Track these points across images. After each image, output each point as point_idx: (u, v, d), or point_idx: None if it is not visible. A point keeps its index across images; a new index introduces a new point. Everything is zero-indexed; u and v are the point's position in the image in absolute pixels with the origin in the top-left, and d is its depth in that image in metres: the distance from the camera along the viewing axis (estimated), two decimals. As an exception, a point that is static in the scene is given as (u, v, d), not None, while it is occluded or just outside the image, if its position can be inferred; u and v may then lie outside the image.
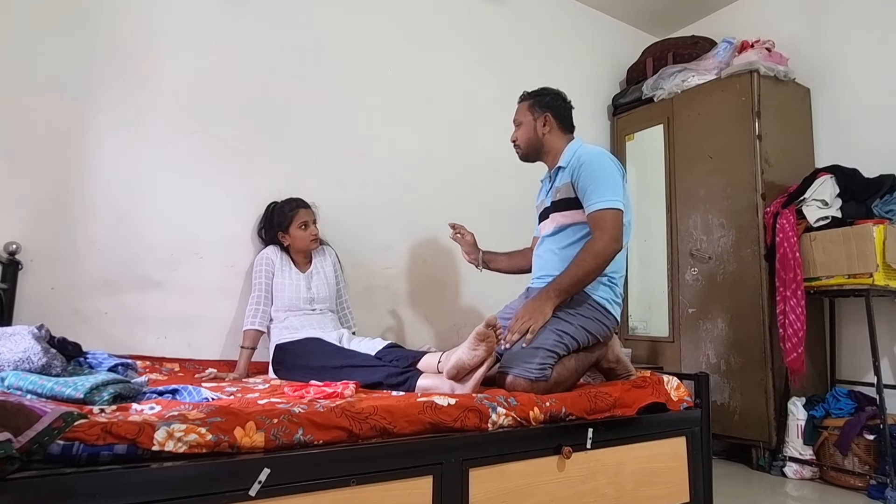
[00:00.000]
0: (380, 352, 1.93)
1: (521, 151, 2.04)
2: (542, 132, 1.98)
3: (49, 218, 2.04)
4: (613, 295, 1.86)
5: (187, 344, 2.24)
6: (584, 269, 1.72)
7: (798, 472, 2.57)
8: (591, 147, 1.92)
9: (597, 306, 1.80)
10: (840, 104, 3.04)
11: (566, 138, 2.00)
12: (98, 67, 2.15)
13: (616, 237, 1.73)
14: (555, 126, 1.98)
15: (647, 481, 1.68)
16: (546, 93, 2.03)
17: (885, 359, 2.70)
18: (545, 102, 1.99)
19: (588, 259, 1.72)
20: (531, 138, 2.00)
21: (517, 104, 2.06)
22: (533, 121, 1.99)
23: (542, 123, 1.98)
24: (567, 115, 2.02)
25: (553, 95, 2.02)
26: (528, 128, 2.00)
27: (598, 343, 1.81)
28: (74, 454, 0.93)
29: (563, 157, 1.94)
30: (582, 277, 1.73)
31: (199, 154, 2.32)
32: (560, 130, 1.99)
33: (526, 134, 2.00)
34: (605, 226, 1.73)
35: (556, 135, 1.99)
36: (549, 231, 1.94)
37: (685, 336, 3.07)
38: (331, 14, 2.70)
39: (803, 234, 2.64)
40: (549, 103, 1.99)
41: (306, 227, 2.24)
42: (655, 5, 3.67)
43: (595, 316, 1.78)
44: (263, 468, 1.05)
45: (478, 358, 1.55)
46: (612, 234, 1.73)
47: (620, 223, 1.76)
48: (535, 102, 2.01)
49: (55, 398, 1.21)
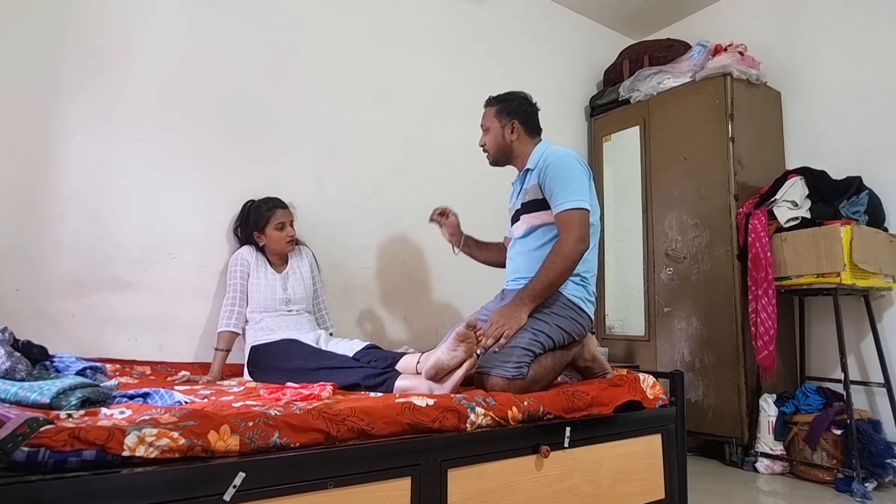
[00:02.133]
0: (358, 353, 1.92)
1: (491, 157, 2.06)
2: (510, 138, 1.99)
3: (14, 216, 1.97)
4: (586, 293, 1.88)
5: (159, 346, 2.19)
6: (554, 271, 1.75)
7: (769, 467, 2.62)
8: (557, 148, 1.93)
9: (570, 304, 1.82)
10: (810, 107, 3.12)
11: (534, 141, 2.01)
12: (67, 62, 2.09)
13: (582, 237, 1.76)
14: (522, 132, 2.00)
15: (623, 479, 1.69)
16: (512, 98, 2.02)
17: (851, 356, 2.77)
18: (511, 109, 2.00)
19: (557, 261, 1.75)
20: (500, 144, 2.01)
21: (484, 108, 2.06)
22: (500, 128, 2.00)
23: (510, 130, 1.99)
24: (533, 118, 2.03)
25: (519, 100, 2.02)
26: (496, 134, 2.01)
27: (573, 341, 1.83)
28: (40, 461, 0.90)
29: (530, 159, 1.96)
30: (553, 280, 1.75)
31: (173, 152, 2.27)
32: (527, 135, 2.01)
33: (494, 141, 2.02)
34: (572, 226, 1.76)
35: (523, 140, 2.00)
36: (521, 233, 1.97)
37: (661, 335, 3.11)
38: (308, 11, 2.67)
39: (774, 234, 2.70)
40: (516, 109, 2.00)
41: (283, 227, 2.21)
42: (632, 8, 3.72)
43: (569, 314, 1.80)
44: (238, 472, 1.03)
45: (457, 359, 1.56)
46: (578, 234, 1.75)
47: (586, 223, 1.78)
48: (501, 109, 2.01)
49: (20, 403, 1.17)
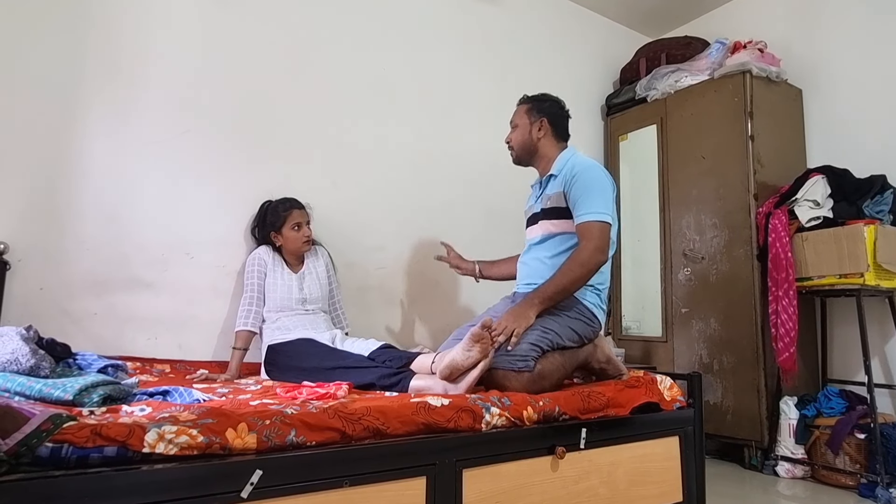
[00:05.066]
0: (373, 352, 1.92)
1: (515, 154, 2.06)
2: (537, 136, 1.99)
3: (37, 218, 2.01)
4: (599, 301, 1.88)
5: (178, 345, 2.22)
6: (569, 277, 1.74)
7: (790, 471, 2.58)
8: (584, 158, 1.93)
9: (584, 310, 1.82)
10: (831, 105, 3.06)
11: (560, 146, 2.01)
12: (88, 66, 2.13)
13: (602, 248, 1.76)
14: (549, 132, 2.00)
15: (640, 481, 1.68)
16: (545, 98, 2.04)
17: (875, 358, 2.71)
18: (543, 108, 2.01)
19: (573, 268, 1.74)
20: (525, 141, 2.01)
21: (516, 106, 2.08)
22: (529, 124, 2.00)
23: (538, 128, 1.99)
24: (563, 122, 2.03)
25: (552, 102, 2.03)
26: (524, 131, 2.01)
27: (583, 343, 1.81)
28: (63, 456, 0.92)
29: (555, 165, 1.95)
30: (566, 286, 1.75)
31: (191, 153, 2.30)
32: (554, 137, 2.01)
33: (520, 137, 2.02)
34: (592, 236, 1.76)
35: (549, 141, 2.00)
36: (537, 238, 1.96)
37: (678, 336, 3.08)
38: (323, 13, 2.69)
39: (795, 234, 2.65)
40: (547, 109, 2.01)
41: (299, 228, 2.23)
42: (648, 6, 3.68)
43: (581, 317, 1.80)
44: (255, 470, 1.04)
45: (472, 359, 1.55)
46: (598, 244, 1.75)
47: (608, 235, 1.78)
48: (533, 107, 2.02)
49: (44, 400, 1.20)
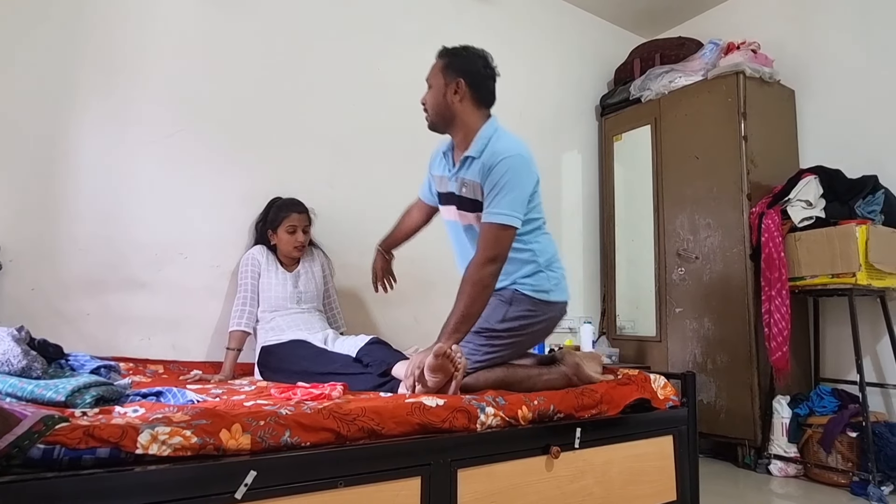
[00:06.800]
0: (361, 350, 1.89)
1: (429, 119, 1.78)
2: (452, 100, 1.70)
3: (30, 217, 2.00)
4: (544, 279, 1.77)
5: (172, 345, 2.21)
6: (466, 301, 1.58)
7: (783, 469, 2.60)
8: (505, 143, 1.68)
9: (520, 305, 1.74)
10: (824, 105, 3.08)
11: (481, 114, 1.73)
12: (82, 65, 2.12)
13: (495, 257, 1.61)
14: (468, 96, 1.70)
15: (634, 480, 1.68)
16: (464, 53, 1.73)
17: (867, 357, 2.74)
18: (459, 65, 1.70)
19: (466, 289, 1.60)
20: (439, 105, 1.72)
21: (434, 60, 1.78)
22: (444, 85, 1.70)
23: (454, 91, 1.69)
24: (486, 84, 1.73)
25: (472, 57, 1.72)
26: (438, 93, 1.72)
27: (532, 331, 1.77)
28: (56, 458, 0.91)
29: (474, 144, 1.70)
30: (466, 311, 1.58)
31: (186, 153, 2.29)
32: (474, 103, 1.72)
33: (434, 99, 1.73)
34: (487, 245, 1.62)
35: (468, 107, 1.71)
36: (464, 225, 1.80)
37: (672, 335, 3.09)
38: (319, 13, 2.68)
39: (788, 234, 2.67)
40: (466, 67, 1.70)
41: (293, 231, 2.21)
42: (643, 6, 3.69)
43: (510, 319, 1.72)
44: (250, 471, 1.03)
45: (440, 383, 1.50)
46: (489, 254, 1.61)
47: (506, 241, 1.63)
48: (449, 63, 1.71)
49: (35, 401, 1.19)
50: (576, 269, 3.51)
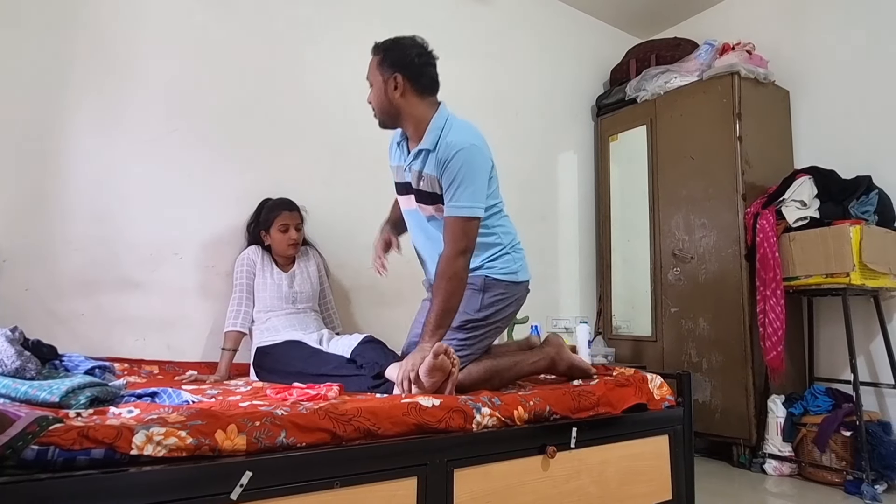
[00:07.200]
0: (355, 349, 1.89)
1: (377, 117, 1.77)
2: (393, 97, 1.69)
3: (23, 217, 1.99)
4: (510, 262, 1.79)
5: (167, 346, 2.20)
6: (444, 297, 1.61)
7: (777, 468, 2.61)
8: (457, 135, 1.66)
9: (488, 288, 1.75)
10: (818, 106, 3.09)
11: (427, 102, 1.72)
12: (76, 64, 2.11)
13: (463, 249, 1.63)
14: (408, 89, 1.68)
15: (630, 480, 1.69)
16: (395, 46, 1.70)
17: (860, 357, 2.75)
18: (393, 59, 1.68)
19: (442, 285, 1.62)
20: (382, 102, 1.71)
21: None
22: (383, 82, 1.69)
23: (393, 86, 1.68)
24: (425, 72, 1.70)
25: (403, 49, 1.69)
26: (378, 90, 1.71)
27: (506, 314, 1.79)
28: (50, 459, 0.91)
29: (427, 136, 1.68)
30: (446, 307, 1.61)
31: (180, 153, 2.29)
32: (416, 94, 1.70)
33: (377, 97, 1.72)
34: (455, 237, 1.64)
35: (411, 100, 1.70)
36: (424, 216, 1.79)
37: (667, 335, 3.10)
38: (314, 12, 2.68)
39: (783, 234, 2.68)
40: (399, 60, 1.68)
41: (286, 230, 2.21)
42: (638, 7, 3.70)
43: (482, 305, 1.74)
44: (245, 471, 1.03)
45: (437, 384, 1.51)
46: (459, 247, 1.63)
47: (473, 232, 1.65)
48: (382, 59, 1.70)
49: (29, 402, 1.18)
50: (572, 270, 3.52)
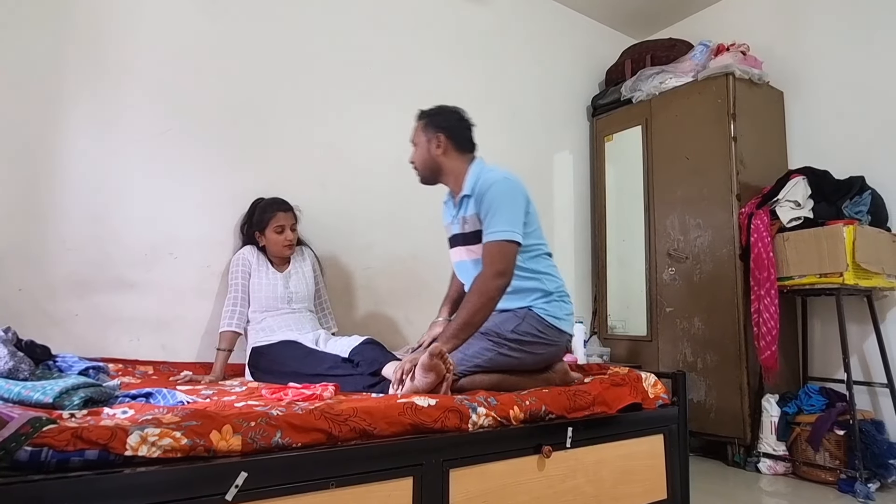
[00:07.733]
0: (354, 349, 1.89)
1: (419, 174, 1.96)
2: (436, 153, 1.88)
3: (17, 217, 1.97)
4: (564, 312, 1.84)
5: (161, 346, 2.19)
6: (469, 310, 1.67)
7: (772, 467, 2.62)
8: (491, 173, 1.83)
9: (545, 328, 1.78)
10: (812, 107, 3.11)
11: (465, 158, 1.91)
12: (71, 64, 2.10)
13: (502, 272, 1.69)
14: (449, 147, 1.89)
15: (625, 479, 1.69)
16: (440, 112, 1.93)
17: (854, 356, 2.76)
18: (437, 122, 1.90)
19: (471, 299, 1.68)
20: (426, 160, 1.91)
21: (415, 122, 1.97)
22: (426, 142, 1.90)
23: (436, 145, 1.88)
24: (463, 134, 1.92)
25: (447, 114, 1.93)
26: (423, 149, 1.91)
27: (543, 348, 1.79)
28: (43, 460, 0.90)
29: (466, 183, 1.86)
30: (468, 319, 1.66)
31: (175, 152, 2.28)
32: (456, 151, 1.90)
33: (421, 156, 1.92)
34: (493, 260, 1.70)
35: (452, 156, 1.89)
36: (465, 261, 1.88)
37: (663, 335, 3.11)
38: (309, 13, 2.67)
39: (777, 234, 2.69)
40: (442, 123, 1.90)
41: (281, 231, 2.20)
42: (634, 7, 3.71)
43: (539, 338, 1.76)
44: (241, 472, 1.03)
45: (431, 384, 1.51)
46: (498, 268, 1.68)
47: (510, 256, 1.71)
48: (428, 122, 1.92)
49: (23, 403, 1.18)
50: (567, 269, 3.52)
